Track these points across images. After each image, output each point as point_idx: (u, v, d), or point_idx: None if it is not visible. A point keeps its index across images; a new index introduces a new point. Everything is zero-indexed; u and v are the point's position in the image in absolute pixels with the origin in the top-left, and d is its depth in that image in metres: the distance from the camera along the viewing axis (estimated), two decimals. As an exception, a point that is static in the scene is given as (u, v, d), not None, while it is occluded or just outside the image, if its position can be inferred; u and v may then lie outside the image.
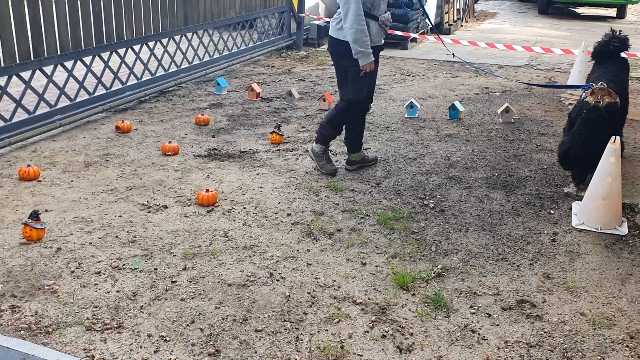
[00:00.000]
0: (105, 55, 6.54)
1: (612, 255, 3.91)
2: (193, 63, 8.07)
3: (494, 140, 6.08)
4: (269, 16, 10.03)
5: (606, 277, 3.65)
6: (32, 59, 5.57)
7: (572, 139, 4.60)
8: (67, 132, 5.91)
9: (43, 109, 5.80)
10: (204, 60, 8.30)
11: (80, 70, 6.26)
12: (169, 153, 5.42)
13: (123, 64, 6.81)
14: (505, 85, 8.49)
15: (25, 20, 5.46)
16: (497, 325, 3.18)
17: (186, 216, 4.27)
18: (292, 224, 4.20)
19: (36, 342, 2.92)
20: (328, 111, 5.51)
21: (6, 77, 5.36)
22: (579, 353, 2.97)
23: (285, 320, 3.15)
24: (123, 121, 6.02)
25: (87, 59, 6.31)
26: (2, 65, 5.29)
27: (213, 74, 8.33)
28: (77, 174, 4.92)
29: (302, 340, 3.01)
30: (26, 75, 5.60)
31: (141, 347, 2.92)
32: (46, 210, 4.27)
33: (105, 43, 6.45)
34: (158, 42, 7.43)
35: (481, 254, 3.88)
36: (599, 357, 2.95)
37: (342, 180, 4.98)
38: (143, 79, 7.17)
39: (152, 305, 3.24)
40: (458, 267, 3.71)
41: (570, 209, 4.48)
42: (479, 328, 3.14)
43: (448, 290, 3.47)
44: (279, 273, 3.58)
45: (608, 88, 4.72)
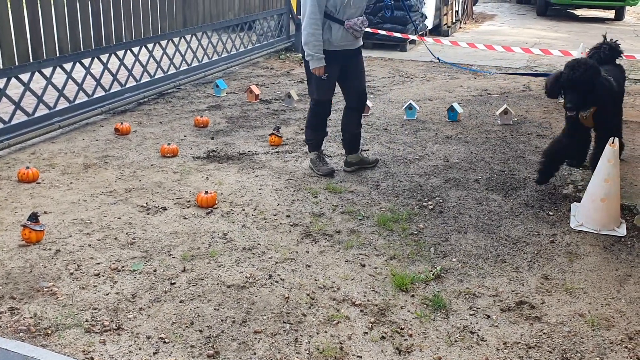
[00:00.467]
0: (104, 57, 6.55)
1: (611, 256, 3.92)
2: (192, 65, 8.08)
3: (493, 141, 6.08)
4: (268, 18, 10.04)
5: (605, 279, 3.65)
6: (31, 61, 5.58)
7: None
8: (66, 134, 5.91)
9: (42, 111, 5.80)
10: (203, 62, 8.31)
11: (79, 72, 6.27)
12: (168, 155, 5.42)
13: (122, 66, 6.82)
14: (504, 87, 8.50)
15: (24, 22, 5.47)
16: (496, 326, 3.18)
17: (185, 218, 4.27)
18: (291, 226, 4.20)
19: (35, 344, 2.92)
20: None
21: (5, 79, 5.36)
22: (578, 354, 2.98)
23: (284, 321, 3.15)
24: (122, 123, 6.02)
25: (86, 61, 6.32)
26: (1, 67, 5.30)
27: (212, 76, 8.34)
28: (76, 176, 4.93)
29: (302, 341, 3.01)
30: (25, 77, 5.60)
31: (140, 349, 2.92)
32: (45, 212, 4.27)
33: (104, 45, 6.45)
34: (157, 44, 7.44)
35: (480, 256, 3.88)
36: (598, 358, 2.96)
37: (341, 182, 4.98)
38: (142, 81, 7.18)
39: (151, 307, 3.24)
40: (457, 269, 3.71)
41: (568, 211, 4.49)
42: (478, 329, 3.15)
43: (447, 291, 3.47)
44: (278, 275, 3.58)
45: None
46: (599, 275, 3.69)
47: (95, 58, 6.41)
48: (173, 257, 3.74)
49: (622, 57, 5.34)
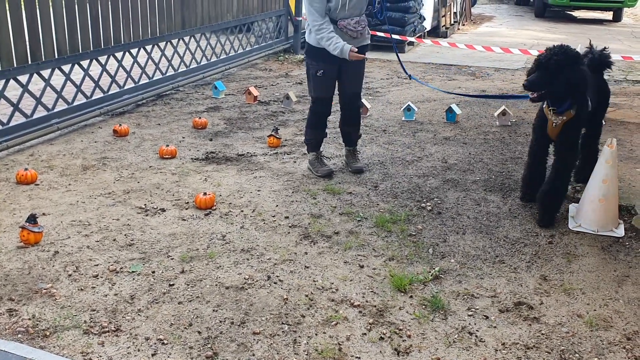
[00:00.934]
0: (102, 58, 6.56)
1: (609, 257, 3.92)
2: (190, 67, 8.09)
3: (491, 143, 6.09)
4: (267, 20, 10.05)
5: (603, 279, 3.66)
6: (30, 63, 5.58)
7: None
8: (65, 136, 5.91)
9: (40, 113, 5.80)
10: (202, 63, 8.31)
11: (77, 73, 6.27)
12: (167, 156, 5.42)
13: (121, 68, 6.82)
14: (502, 88, 8.52)
15: (22, 24, 5.47)
16: (495, 327, 3.18)
17: (184, 219, 4.27)
18: (290, 227, 4.20)
19: (34, 346, 2.91)
20: None
21: (4, 81, 5.36)
22: (576, 355, 2.98)
23: (283, 322, 3.15)
24: (120, 125, 6.02)
25: (85, 63, 6.32)
26: (0, 69, 5.29)
27: (210, 78, 8.34)
28: (75, 178, 4.93)
29: (300, 342, 3.01)
30: (24, 79, 5.60)
31: (139, 351, 2.91)
32: (44, 213, 4.26)
33: (102, 47, 6.46)
34: (156, 46, 7.44)
35: (478, 257, 3.88)
36: (596, 359, 2.96)
37: (340, 183, 4.99)
38: (140, 83, 7.18)
39: (150, 308, 3.24)
40: (455, 270, 3.72)
41: (567, 211, 4.49)
42: (477, 330, 3.15)
43: (445, 292, 3.48)
44: (277, 276, 3.59)
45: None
46: (597, 276, 3.70)
47: (93, 60, 6.41)
48: (171, 259, 3.74)
49: (611, 69, 4.82)
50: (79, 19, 6.10)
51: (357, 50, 4.71)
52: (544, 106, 4.29)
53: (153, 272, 3.58)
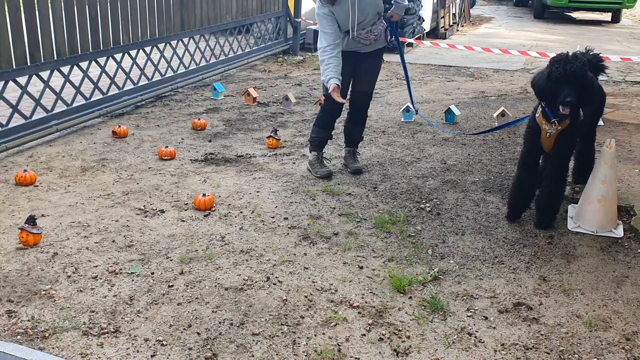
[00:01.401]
0: (102, 60, 6.55)
1: (608, 257, 3.92)
2: (190, 68, 8.09)
3: (490, 144, 6.09)
4: (266, 21, 10.06)
5: (602, 280, 3.66)
6: (29, 64, 5.57)
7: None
8: (64, 137, 5.91)
9: (40, 114, 5.80)
10: (201, 65, 8.32)
11: (76, 75, 6.27)
12: (166, 158, 5.42)
13: (120, 69, 6.82)
14: (501, 89, 8.53)
15: (21, 25, 5.47)
16: (494, 328, 3.18)
17: (183, 220, 4.27)
18: (289, 228, 4.20)
19: (33, 347, 2.91)
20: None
21: (2, 82, 5.35)
22: (575, 355, 2.98)
23: (282, 324, 3.15)
24: (120, 126, 6.02)
25: (84, 64, 6.31)
26: (-1, 70, 5.30)
27: (210, 79, 8.34)
28: (74, 179, 4.92)
29: (299, 343, 3.01)
30: (23, 80, 5.60)
31: (138, 352, 2.91)
32: (43, 215, 4.26)
33: (101, 48, 6.46)
34: (155, 47, 7.44)
35: (477, 257, 3.88)
36: (595, 359, 2.96)
37: (339, 184, 4.99)
38: (140, 84, 7.18)
39: (149, 309, 3.24)
40: (454, 270, 3.72)
41: (565, 212, 4.49)
42: (476, 331, 3.15)
43: (445, 293, 3.48)
44: (276, 277, 3.59)
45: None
46: (596, 276, 3.70)
47: (93, 61, 6.41)
48: (171, 260, 3.74)
49: (605, 73, 4.57)
50: (78, 21, 6.10)
51: (365, 53, 4.88)
52: (537, 115, 4.14)
53: (152, 273, 3.58)
